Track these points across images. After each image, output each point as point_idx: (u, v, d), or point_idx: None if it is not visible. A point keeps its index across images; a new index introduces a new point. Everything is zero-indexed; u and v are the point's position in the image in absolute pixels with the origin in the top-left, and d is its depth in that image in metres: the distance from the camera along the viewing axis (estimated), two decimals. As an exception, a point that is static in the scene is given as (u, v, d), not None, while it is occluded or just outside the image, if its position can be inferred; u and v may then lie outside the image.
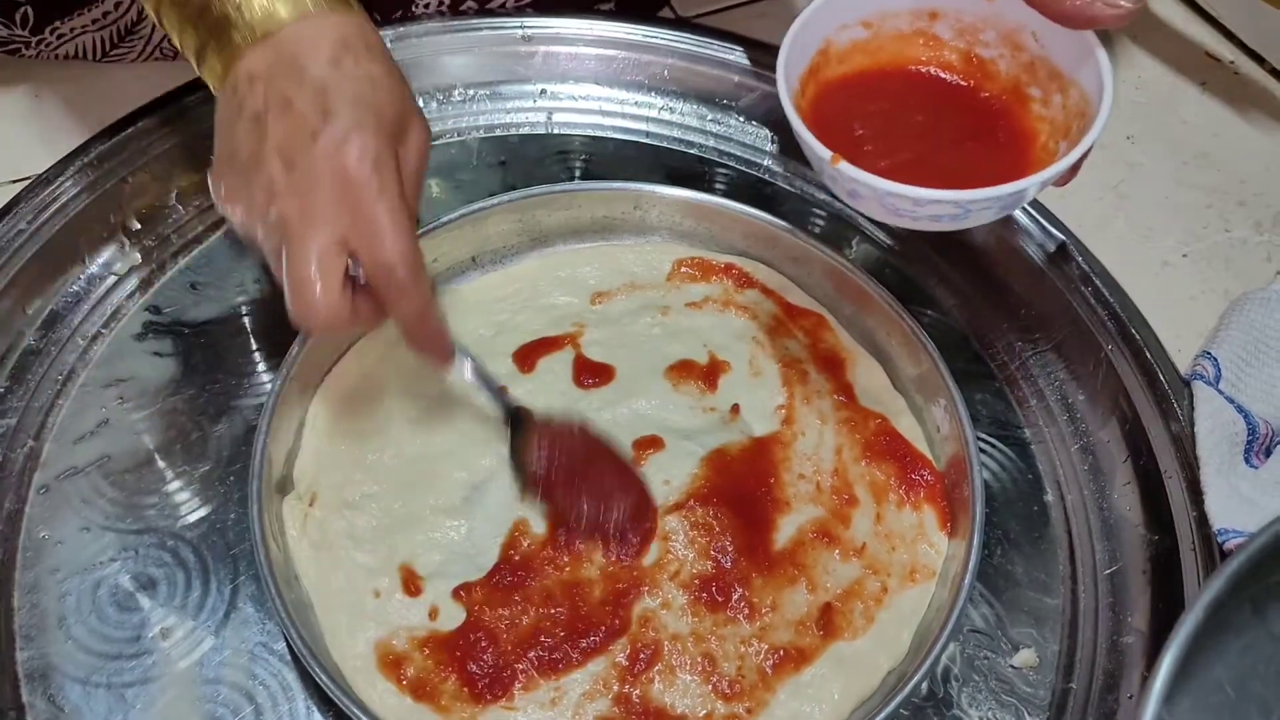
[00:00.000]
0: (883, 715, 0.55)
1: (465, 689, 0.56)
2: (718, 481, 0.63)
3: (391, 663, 0.57)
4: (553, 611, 0.59)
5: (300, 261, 0.53)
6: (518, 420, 0.63)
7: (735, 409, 0.66)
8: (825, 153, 0.56)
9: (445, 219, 0.69)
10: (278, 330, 0.69)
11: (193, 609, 0.60)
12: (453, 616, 0.59)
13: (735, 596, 0.60)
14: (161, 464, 0.64)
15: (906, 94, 0.63)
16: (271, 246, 0.54)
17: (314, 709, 0.57)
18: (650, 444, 0.64)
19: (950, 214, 0.57)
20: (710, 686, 0.58)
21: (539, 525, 0.61)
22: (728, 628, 0.59)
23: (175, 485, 0.64)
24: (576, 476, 0.61)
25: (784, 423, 0.66)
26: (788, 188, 0.80)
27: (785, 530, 0.62)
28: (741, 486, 0.63)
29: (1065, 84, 0.60)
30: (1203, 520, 0.64)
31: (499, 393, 0.64)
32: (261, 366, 0.68)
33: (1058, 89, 0.61)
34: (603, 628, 0.58)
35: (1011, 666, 0.62)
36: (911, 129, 0.61)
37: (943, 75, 0.64)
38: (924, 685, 0.61)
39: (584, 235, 0.74)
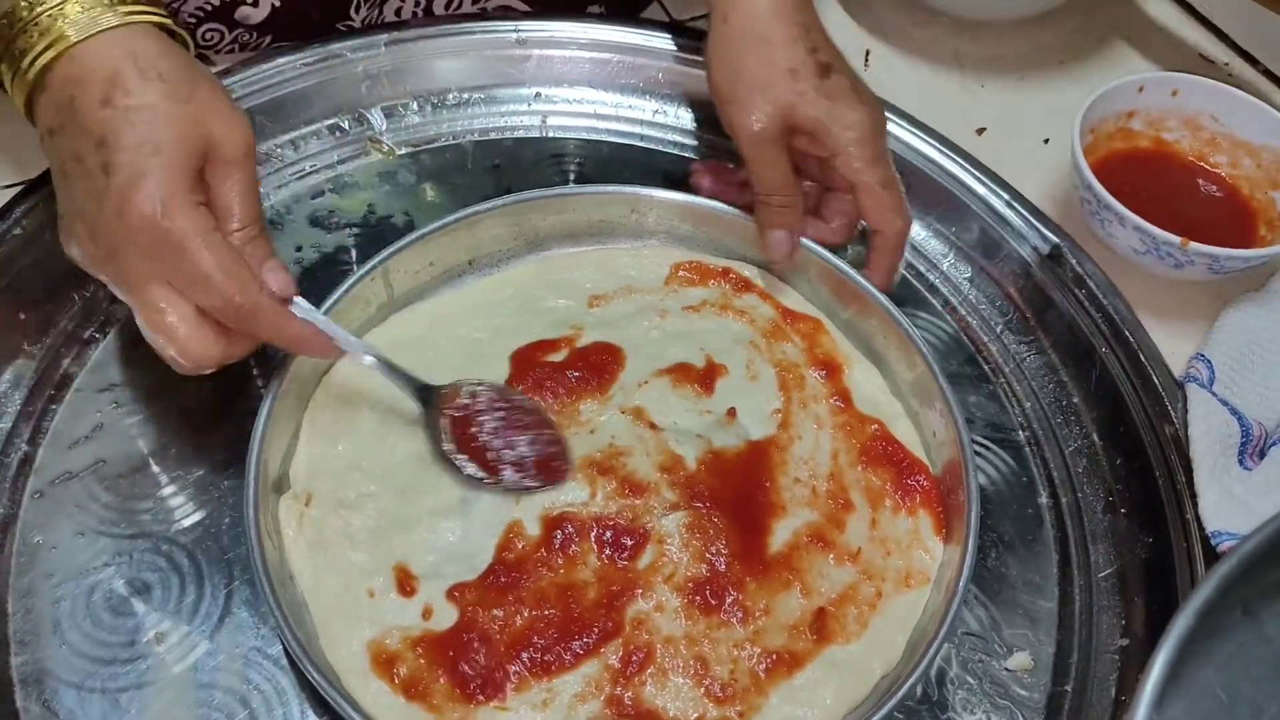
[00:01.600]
0: (876, 718, 0.55)
1: (457, 689, 0.56)
2: (713, 484, 0.63)
3: (384, 662, 0.57)
4: (546, 613, 0.59)
5: (148, 318, 0.54)
6: (428, 397, 0.63)
7: (731, 412, 0.66)
8: (1175, 237, 0.70)
9: (440, 223, 0.69)
10: (272, 334, 0.70)
11: (187, 613, 0.60)
12: (447, 616, 0.59)
13: (729, 600, 0.60)
14: (156, 469, 0.64)
15: (1130, 171, 0.78)
16: (126, 304, 0.56)
17: (308, 712, 0.57)
18: None
19: (1206, 266, 0.71)
20: (703, 690, 0.58)
21: (533, 527, 0.61)
22: (721, 631, 0.59)
23: (170, 490, 0.64)
24: (491, 432, 0.62)
25: (780, 427, 0.66)
26: (782, 191, 0.79)
27: (780, 534, 0.62)
28: (737, 489, 0.63)
29: (1254, 150, 0.77)
30: (1197, 523, 0.64)
31: (403, 375, 0.63)
32: (255, 371, 0.68)
33: (1246, 154, 0.78)
34: (595, 629, 0.58)
35: (1006, 669, 0.62)
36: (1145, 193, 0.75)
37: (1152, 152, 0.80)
38: (919, 688, 0.61)
39: (580, 239, 0.74)
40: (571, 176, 0.79)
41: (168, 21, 0.56)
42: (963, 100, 0.86)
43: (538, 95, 0.82)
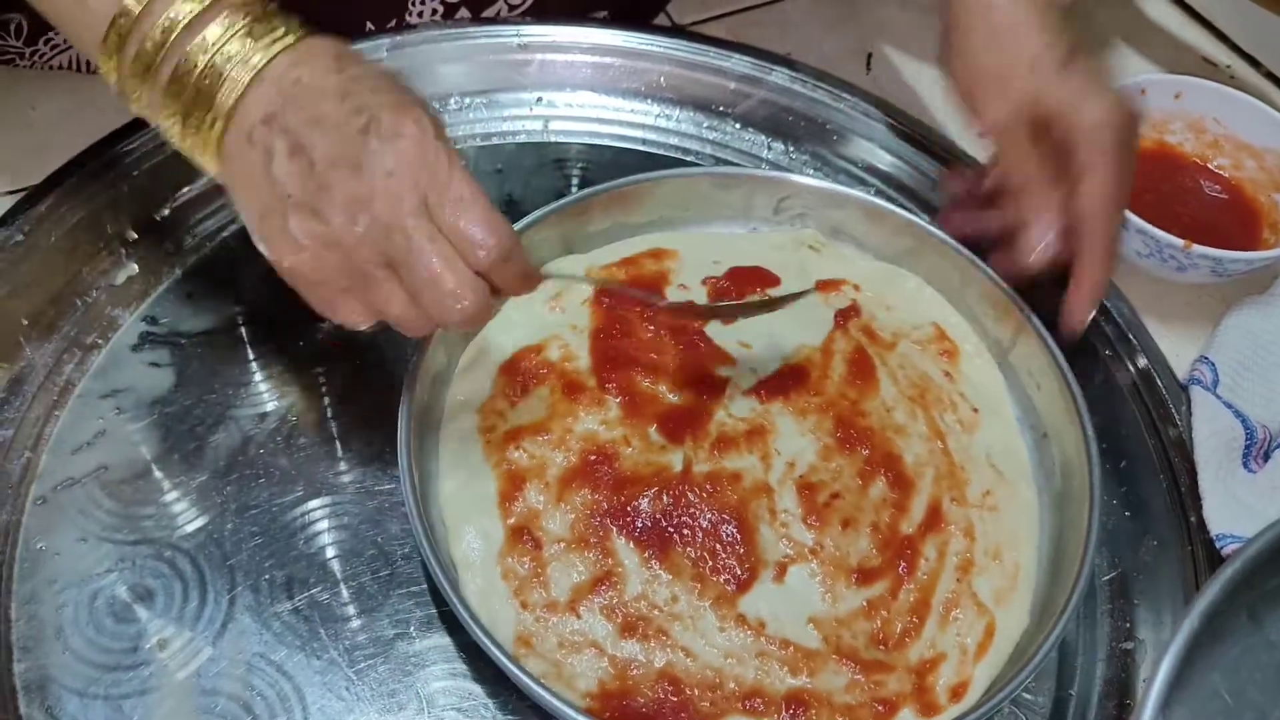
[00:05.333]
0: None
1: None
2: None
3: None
4: None
5: (421, 255, 0.51)
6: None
7: None
8: (1177, 241, 0.69)
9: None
10: (274, 340, 0.70)
11: (190, 620, 0.60)
12: None
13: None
14: (158, 474, 0.64)
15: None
16: (374, 261, 0.52)
17: (311, 719, 0.57)
18: None
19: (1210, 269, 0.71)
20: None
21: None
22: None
23: (172, 496, 0.63)
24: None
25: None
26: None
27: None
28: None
29: (1257, 152, 0.77)
30: (1201, 526, 0.64)
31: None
32: (258, 376, 0.68)
33: (1249, 156, 0.78)
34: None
35: (1011, 673, 0.62)
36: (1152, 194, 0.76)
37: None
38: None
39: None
40: (575, 181, 0.79)
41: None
42: (965, 103, 0.86)
43: (540, 100, 0.82)
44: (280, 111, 0.52)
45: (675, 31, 0.85)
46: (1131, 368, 0.71)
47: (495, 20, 0.83)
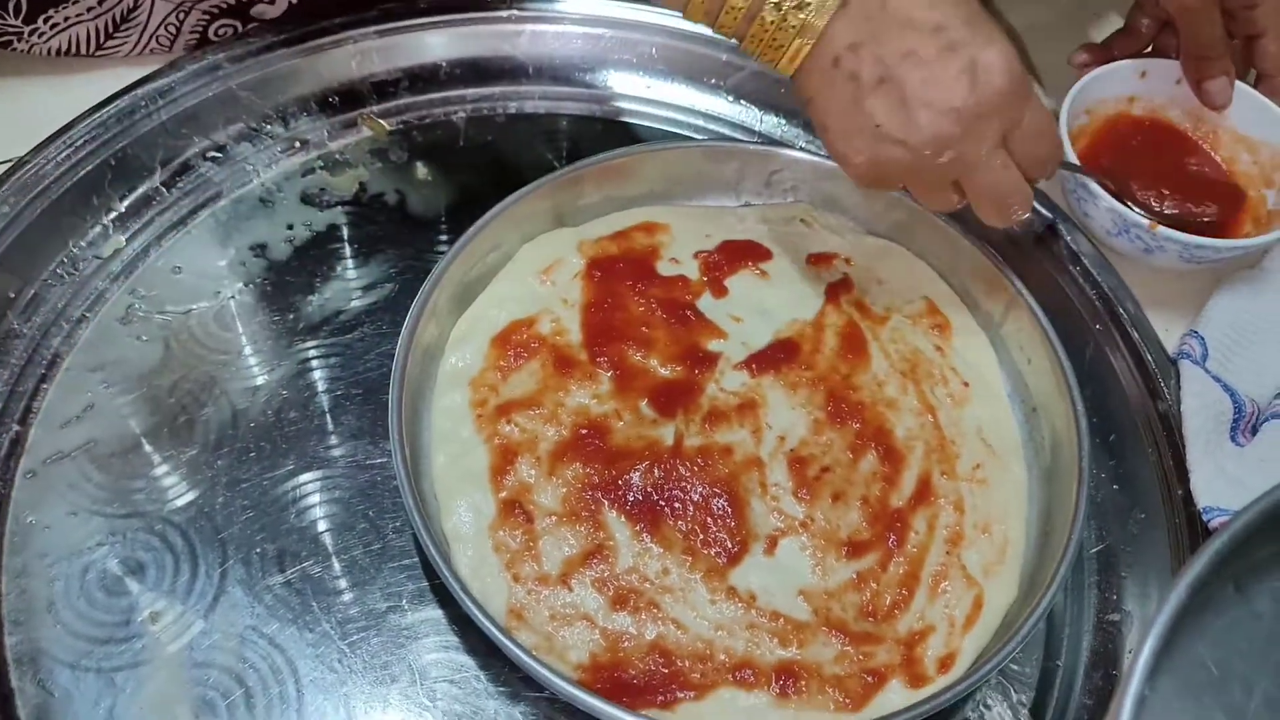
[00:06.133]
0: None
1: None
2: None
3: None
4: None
5: (994, 182, 0.58)
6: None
7: None
8: (1144, 220, 0.69)
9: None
10: (263, 314, 0.69)
11: (181, 593, 0.60)
12: None
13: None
14: (148, 448, 0.64)
15: (1122, 146, 0.78)
16: (944, 180, 0.59)
17: (304, 691, 0.58)
18: None
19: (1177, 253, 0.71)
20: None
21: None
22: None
23: (162, 469, 0.63)
24: None
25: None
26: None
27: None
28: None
29: (1253, 145, 0.76)
30: (1188, 498, 0.65)
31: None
32: (248, 350, 0.68)
33: (1245, 149, 0.77)
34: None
35: (998, 645, 0.62)
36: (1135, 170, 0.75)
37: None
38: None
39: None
40: (565, 154, 0.79)
41: None
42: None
43: (530, 71, 0.81)
44: (865, 43, 0.56)
45: (667, 2, 0.85)
46: (1121, 342, 0.71)
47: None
